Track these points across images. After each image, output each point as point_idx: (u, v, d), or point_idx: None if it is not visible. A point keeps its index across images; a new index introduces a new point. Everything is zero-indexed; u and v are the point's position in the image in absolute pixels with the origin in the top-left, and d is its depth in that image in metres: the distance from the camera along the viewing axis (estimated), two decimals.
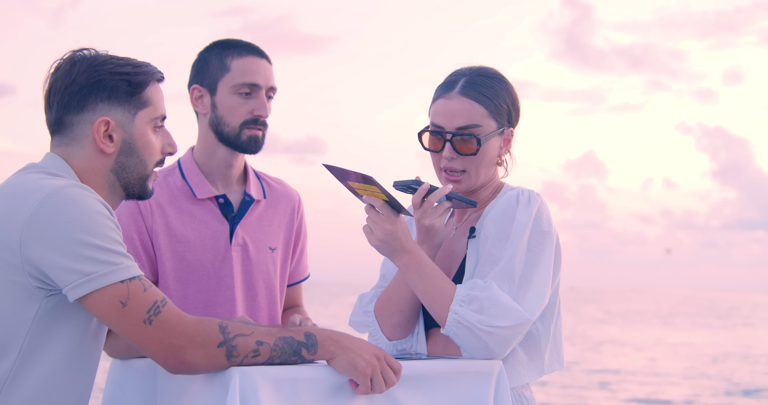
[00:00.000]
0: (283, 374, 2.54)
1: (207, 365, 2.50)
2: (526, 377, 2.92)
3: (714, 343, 35.64)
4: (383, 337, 3.01)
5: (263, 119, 3.32)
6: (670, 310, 74.72)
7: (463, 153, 2.92)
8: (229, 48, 3.35)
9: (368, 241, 2.86)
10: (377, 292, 3.10)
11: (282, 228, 3.49)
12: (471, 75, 2.97)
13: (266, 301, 3.41)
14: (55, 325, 2.52)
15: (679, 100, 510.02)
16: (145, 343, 2.47)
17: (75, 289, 2.45)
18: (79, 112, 2.61)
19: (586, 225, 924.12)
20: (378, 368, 2.58)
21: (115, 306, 2.45)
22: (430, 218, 2.88)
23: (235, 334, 2.51)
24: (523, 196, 2.92)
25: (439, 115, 2.96)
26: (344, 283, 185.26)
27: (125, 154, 2.65)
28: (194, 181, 3.36)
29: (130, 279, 2.47)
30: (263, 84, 3.32)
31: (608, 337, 36.96)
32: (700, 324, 53.01)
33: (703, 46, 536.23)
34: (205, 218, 3.34)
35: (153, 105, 2.67)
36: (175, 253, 3.30)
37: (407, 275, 2.85)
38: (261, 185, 3.49)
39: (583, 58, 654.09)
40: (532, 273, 2.83)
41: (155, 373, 2.79)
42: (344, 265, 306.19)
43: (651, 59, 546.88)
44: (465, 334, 2.77)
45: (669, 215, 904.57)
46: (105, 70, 2.61)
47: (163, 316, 2.47)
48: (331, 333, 2.61)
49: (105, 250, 2.46)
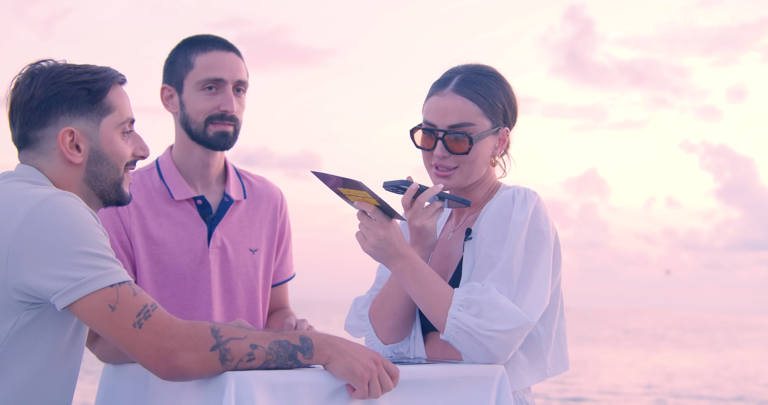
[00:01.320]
0: (280, 379, 2.48)
1: (200, 370, 2.44)
2: (527, 381, 2.86)
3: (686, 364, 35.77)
4: (378, 342, 2.94)
5: (230, 114, 3.22)
6: (654, 330, 75.02)
7: (455, 152, 2.86)
8: (194, 44, 3.27)
9: (362, 247, 2.79)
10: (372, 295, 3.03)
11: (264, 228, 3.40)
12: (466, 72, 2.92)
13: (246, 304, 3.33)
14: (29, 338, 2.47)
15: (682, 117, 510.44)
16: (135, 347, 2.41)
17: (65, 295, 2.40)
18: (42, 127, 2.58)
19: (587, 244, 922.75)
20: (375, 372, 2.53)
21: (104, 310, 2.40)
22: (421, 219, 2.81)
23: (228, 338, 2.45)
24: (518, 195, 2.86)
25: (431, 112, 2.89)
26: (342, 303, 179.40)
27: (95, 162, 2.61)
28: (172, 182, 3.27)
29: (120, 283, 2.43)
30: (228, 78, 3.23)
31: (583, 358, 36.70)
32: (680, 344, 53.31)
33: (707, 63, 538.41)
34: (182, 220, 3.26)
35: (117, 110, 2.62)
36: (151, 255, 3.22)
37: (403, 281, 2.78)
38: (242, 184, 3.40)
39: (584, 74, 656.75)
40: (531, 274, 2.77)
41: (148, 378, 2.71)
42: (341, 284, 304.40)
43: (653, 75, 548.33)
44: (465, 340, 2.71)
45: (672, 235, 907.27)
46: (62, 82, 2.57)
47: (153, 319, 2.42)
48: (326, 337, 2.56)
49: (95, 256, 2.42)
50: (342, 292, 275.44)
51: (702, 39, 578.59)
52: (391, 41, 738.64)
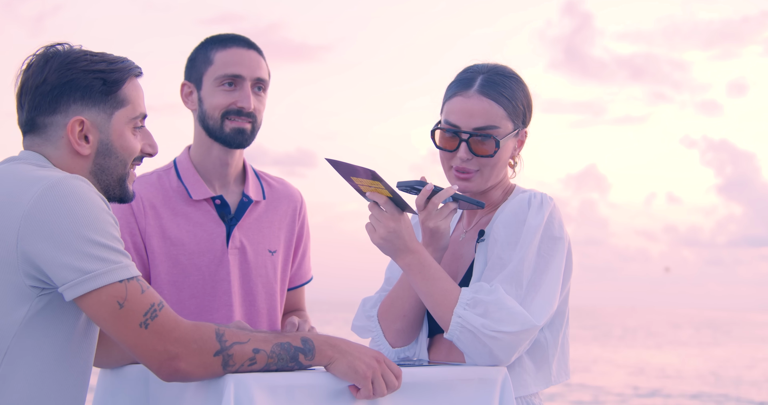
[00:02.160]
0: (280, 381, 2.45)
1: (202, 374, 2.41)
2: (533, 387, 2.81)
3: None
4: (386, 344, 2.90)
5: (247, 111, 3.19)
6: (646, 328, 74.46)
7: (480, 154, 2.82)
8: (215, 41, 3.25)
9: (371, 239, 2.75)
10: (381, 296, 2.99)
11: (283, 230, 3.36)
12: (489, 73, 2.87)
13: (266, 306, 3.29)
14: (42, 327, 2.42)
15: (682, 112, 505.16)
16: (139, 348, 2.37)
17: (73, 287, 2.34)
18: (51, 114, 2.50)
19: (587, 241, 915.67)
20: (379, 371, 2.49)
21: (111, 307, 2.35)
22: (435, 220, 2.77)
23: (232, 343, 2.41)
24: (535, 200, 2.82)
25: (455, 113, 2.84)
26: (338, 303, 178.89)
27: (103, 155, 2.53)
28: (190, 182, 3.25)
29: (129, 279, 2.37)
30: (247, 75, 3.20)
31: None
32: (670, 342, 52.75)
33: (707, 57, 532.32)
34: (200, 220, 3.23)
35: (131, 104, 2.55)
36: (169, 256, 3.19)
37: (410, 276, 2.74)
38: (261, 185, 3.37)
39: (582, 69, 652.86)
40: (541, 278, 2.72)
41: (147, 380, 2.69)
42: (338, 283, 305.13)
43: (653, 70, 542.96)
44: (468, 339, 2.66)
45: (673, 231, 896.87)
46: (78, 69, 2.49)
47: (160, 320, 2.37)
48: (327, 338, 2.52)
49: (106, 248, 2.36)
50: (339, 291, 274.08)
51: (701, 33, 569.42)
52: (387, 37, 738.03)
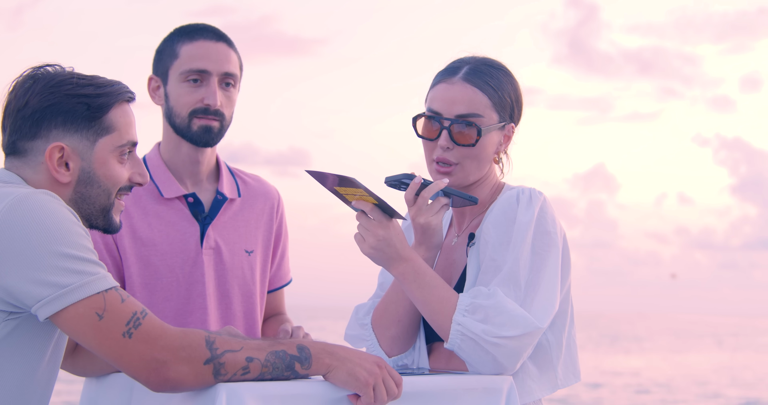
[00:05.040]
0: (274, 391, 2.35)
1: (192, 383, 2.30)
2: (537, 393, 2.71)
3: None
4: (381, 352, 2.79)
5: (213, 109, 3.05)
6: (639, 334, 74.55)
7: (461, 143, 2.72)
8: (182, 33, 3.11)
9: (360, 250, 2.65)
10: (375, 303, 2.88)
11: (260, 229, 3.24)
12: (475, 63, 2.79)
13: (242, 309, 3.17)
14: (6, 354, 2.32)
15: (693, 108, 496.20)
16: (124, 358, 2.26)
17: (49, 303, 2.24)
18: (32, 139, 2.39)
19: (595, 244, 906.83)
20: (380, 377, 2.39)
21: (91, 319, 2.25)
22: (426, 216, 2.67)
23: (224, 351, 2.31)
24: (523, 195, 2.72)
25: (438, 100, 2.75)
26: (335, 308, 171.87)
27: (84, 184, 2.42)
28: (161, 179, 3.11)
29: (107, 290, 2.27)
30: (213, 70, 3.06)
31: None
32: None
33: (718, 50, 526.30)
34: (173, 219, 3.10)
35: (117, 131, 2.43)
36: (140, 257, 3.05)
37: (405, 285, 2.64)
38: (236, 183, 3.24)
39: (587, 63, 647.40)
40: (539, 277, 2.63)
41: (132, 389, 2.58)
42: (334, 289, 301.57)
43: (662, 64, 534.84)
44: (470, 347, 2.56)
45: (685, 233, 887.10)
46: (61, 92, 2.38)
47: (144, 328, 2.27)
48: (324, 345, 2.42)
49: (80, 260, 2.26)
50: (335, 297, 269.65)
51: (712, 25, 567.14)
52: (387, 31, 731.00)
